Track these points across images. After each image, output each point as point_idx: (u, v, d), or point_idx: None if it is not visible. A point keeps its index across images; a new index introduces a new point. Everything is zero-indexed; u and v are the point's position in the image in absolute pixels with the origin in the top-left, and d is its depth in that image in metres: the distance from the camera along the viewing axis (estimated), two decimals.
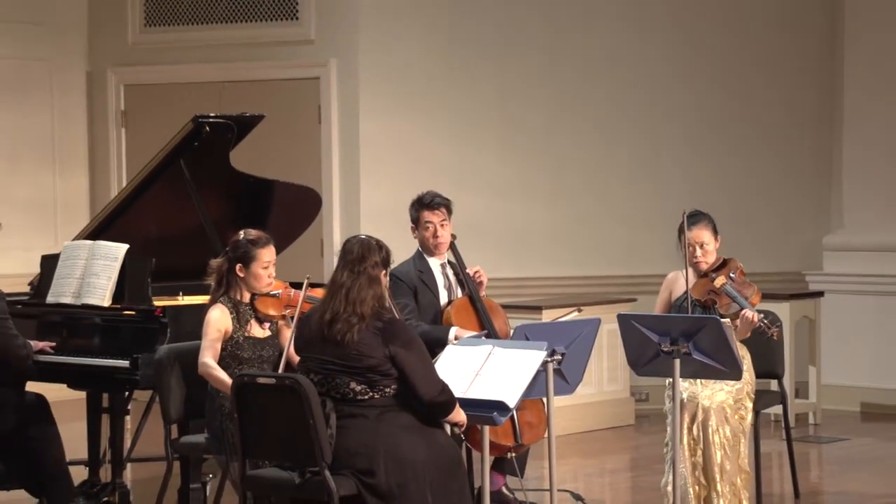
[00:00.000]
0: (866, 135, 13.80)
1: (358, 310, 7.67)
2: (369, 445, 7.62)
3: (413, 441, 7.70)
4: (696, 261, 9.49)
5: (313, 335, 7.80)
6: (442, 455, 7.80)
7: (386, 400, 7.72)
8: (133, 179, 10.95)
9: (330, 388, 7.71)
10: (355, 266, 7.76)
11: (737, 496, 9.51)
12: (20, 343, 9.39)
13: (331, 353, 7.71)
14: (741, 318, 9.21)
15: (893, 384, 13.53)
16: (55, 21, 14.95)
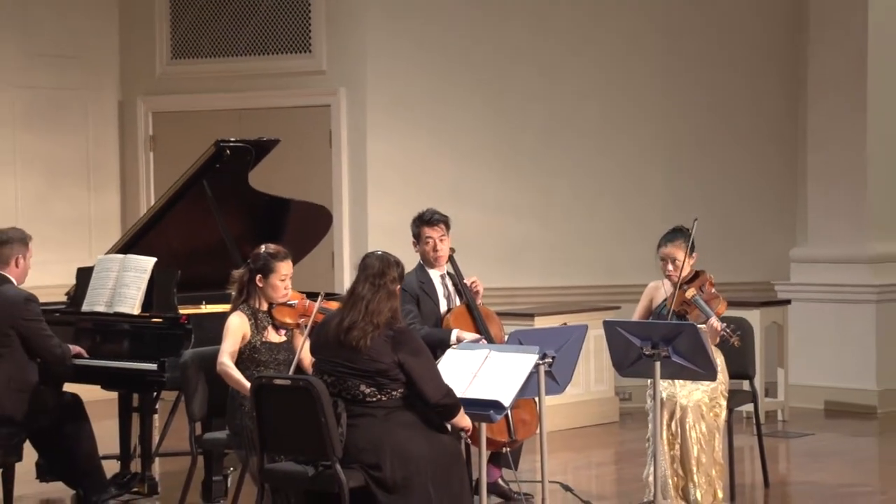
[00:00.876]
0: (828, 158, 13.75)
1: (374, 320, 7.68)
2: (377, 442, 7.62)
3: (417, 438, 7.69)
4: (668, 274, 9.57)
5: (329, 339, 7.79)
6: (443, 451, 7.79)
7: (393, 402, 7.72)
8: (160, 198, 10.95)
9: (342, 389, 7.70)
10: (376, 280, 7.79)
11: (712, 486, 9.52)
12: (55, 343, 9.41)
13: (344, 357, 7.70)
14: (707, 327, 9.24)
15: (854, 384, 13.50)
16: (89, 54, 14.94)
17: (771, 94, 14.20)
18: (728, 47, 14.16)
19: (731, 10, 14.16)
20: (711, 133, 14.17)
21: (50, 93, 14.70)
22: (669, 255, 9.51)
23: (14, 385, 9.30)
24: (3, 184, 14.39)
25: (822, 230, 13.84)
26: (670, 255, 9.51)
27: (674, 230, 9.62)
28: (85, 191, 14.91)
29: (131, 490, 10.08)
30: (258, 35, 14.33)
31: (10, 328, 9.25)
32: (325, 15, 13.98)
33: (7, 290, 9.34)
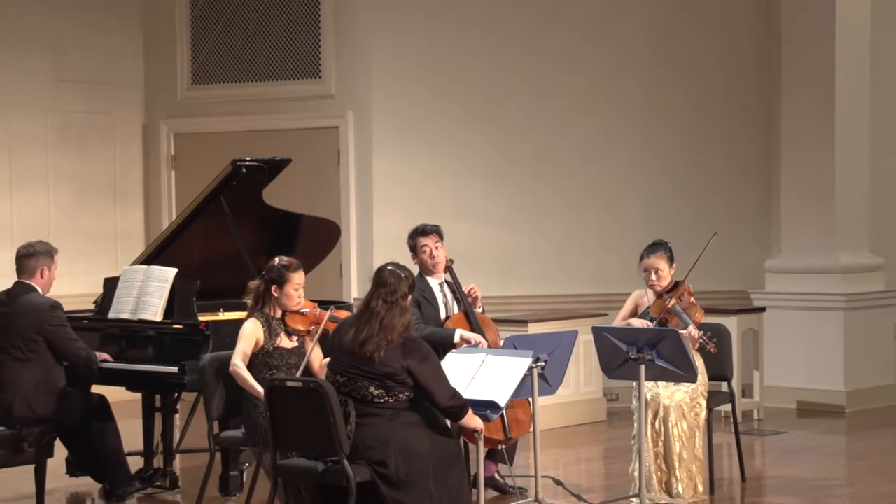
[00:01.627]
0: (799, 178, 13.76)
1: (388, 336, 7.68)
2: (382, 440, 7.61)
3: (420, 438, 7.68)
4: (651, 283, 9.63)
5: (344, 347, 7.79)
6: (444, 451, 7.78)
7: (399, 404, 7.71)
8: (181, 213, 10.96)
9: (352, 389, 7.70)
10: (389, 297, 7.76)
11: (692, 480, 9.52)
12: (80, 346, 9.42)
13: (357, 362, 7.70)
14: (691, 338, 9.27)
15: (824, 385, 13.50)
16: (116, 81, 14.94)
17: (748, 119, 14.21)
18: (709, 75, 14.16)
19: (711, 42, 14.16)
20: (694, 154, 14.17)
21: (80, 116, 14.71)
22: (652, 266, 9.57)
23: (43, 388, 9.28)
24: (37, 200, 14.37)
25: (795, 243, 13.84)
26: (653, 265, 9.57)
27: (654, 243, 9.72)
28: (111, 206, 14.91)
29: (154, 484, 10.10)
30: (272, 62, 14.34)
31: (37, 334, 9.23)
32: (334, 43, 13.99)
33: (33, 299, 9.33)
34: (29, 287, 9.38)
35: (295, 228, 10.84)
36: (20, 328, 9.24)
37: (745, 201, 14.18)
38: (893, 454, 11.99)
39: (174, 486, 10.13)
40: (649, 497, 9.29)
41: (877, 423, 13.10)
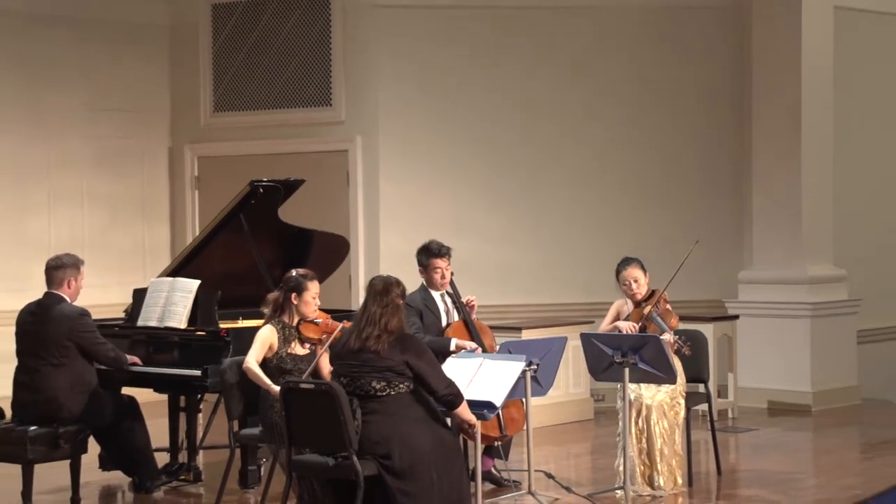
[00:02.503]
0: (770, 196, 13.76)
1: (387, 333, 7.72)
2: (387, 436, 7.60)
3: (422, 433, 7.67)
4: (633, 292, 9.65)
5: (347, 349, 7.80)
6: (444, 444, 7.77)
7: (400, 397, 7.70)
8: (204, 230, 10.95)
9: (356, 387, 7.70)
10: (383, 299, 7.80)
11: (672, 474, 9.51)
12: (108, 348, 9.43)
13: (360, 360, 7.72)
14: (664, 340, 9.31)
15: (792, 386, 13.49)
16: (145, 108, 14.95)
17: (723, 145, 14.19)
18: (688, 104, 14.15)
19: (690, 74, 14.15)
20: (675, 175, 14.15)
21: (111, 141, 14.72)
22: (631, 276, 9.61)
23: (76, 389, 9.27)
24: (73, 218, 14.38)
25: (765, 256, 13.84)
26: (631, 275, 9.62)
27: (627, 258, 9.80)
28: (140, 223, 14.90)
29: (179, 478, 10.08)
30: (287, 91, 14.33)
31: (68, 340, 9.22)
32: (344, 74, 13.98)
33: (63, 308, 9.31)
34: (58, 297, 9.36)
35: (308, 243, 10.83)
36: (52, 336, 9.23)
37: (721, 219, 14.16)
38: (855, 450, 12.04)
39: (197, 480, 10.11)
40: (633, 489, 9.30)
41: (840, 421, 13.09)
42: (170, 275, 10.46)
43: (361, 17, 13.90)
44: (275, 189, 10.51)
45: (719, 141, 14.18)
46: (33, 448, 9.06)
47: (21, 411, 9.30)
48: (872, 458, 11.14)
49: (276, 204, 10.62)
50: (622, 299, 9.84)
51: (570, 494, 9.39)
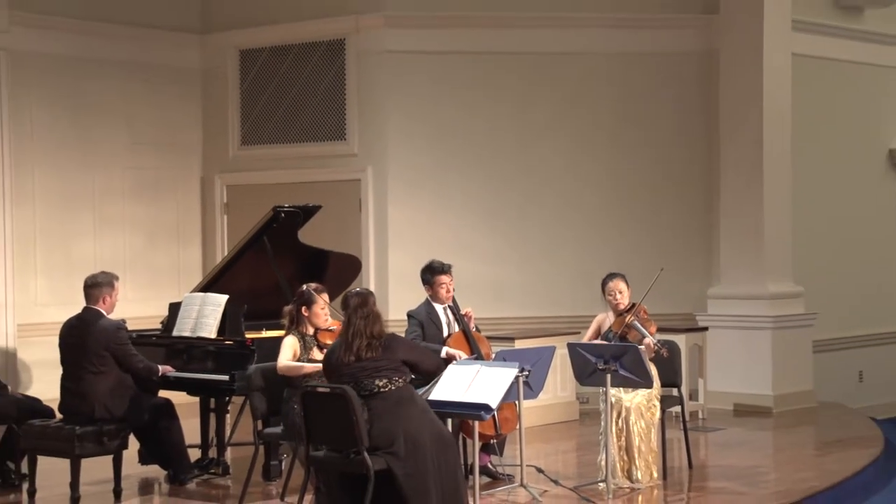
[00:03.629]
0: (736, 219, 13.78)
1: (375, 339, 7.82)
2: (392, 430, 7.65)
3: (421, 427, 7.72)
4: (616, 302, 9.71)
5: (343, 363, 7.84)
6: (440, 436, 7.81)
7: (400, 391, 7.78)
8: (231, 250, 10.97)
9: (360, 389, 7.73)
10: (363, 310, 7.90)
11: (649, 468, 9.51)
12: (139, 359, 9.42)
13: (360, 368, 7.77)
14: (644, 344, 9.32)
15: (755, 391, 13.49)
16: (179, 142, 14.96)
17: (695, 177, 14.18)
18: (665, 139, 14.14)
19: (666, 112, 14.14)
20: (652, 203, 14.12)
21: (149, 172, 14.72)
22: (616, 288, 9.70)
23: (116, 393, 9.28)
24: (115, 241, 14.37)
25: (731, 275, 13.85)
26: (616, 287, 9.70)
27: (612, 273, 9.89)
28: (175, 245, 14.89)
29: (209, 471, 10.11)
30: (306, 127, 14.34)
31: (105, 351, 9.23)
32: (357, 112, 13.98)
33: (102, 322, 9.32)
34: (96, 312, 9.37)
35: (324, 262, 10.84)
36: (92, 347, 9.23)
37: (692, 241, 14.15)
38: (811, 447, 12.04)
39: (226, 473, 10.12)
40: (614, 482, 9.27)
41: (798, 421, 13.08)
42: (201, 290, 10.47)
43: (373, 61, 13.91)
44: (295, 214, 10.53)
45: (691, 172, 14.17)
46: (80, 445, 9.06)
47: (68, 413, 9.32)
48: (826, 455, 11.11)
49: (296, 227, 10.65)
50: (604, 313, 9.88)
51: (558, 487, 9.36)
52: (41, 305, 13.51)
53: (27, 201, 13.66)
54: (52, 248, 13.90)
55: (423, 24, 13.81)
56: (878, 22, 15.39)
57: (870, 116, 15.52)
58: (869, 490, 10.11)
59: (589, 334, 9.88)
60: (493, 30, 13.86)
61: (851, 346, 15.19)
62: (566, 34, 13.93)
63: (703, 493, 9.57)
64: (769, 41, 13.66)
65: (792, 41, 13.99)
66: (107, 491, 9.35)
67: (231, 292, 10.19)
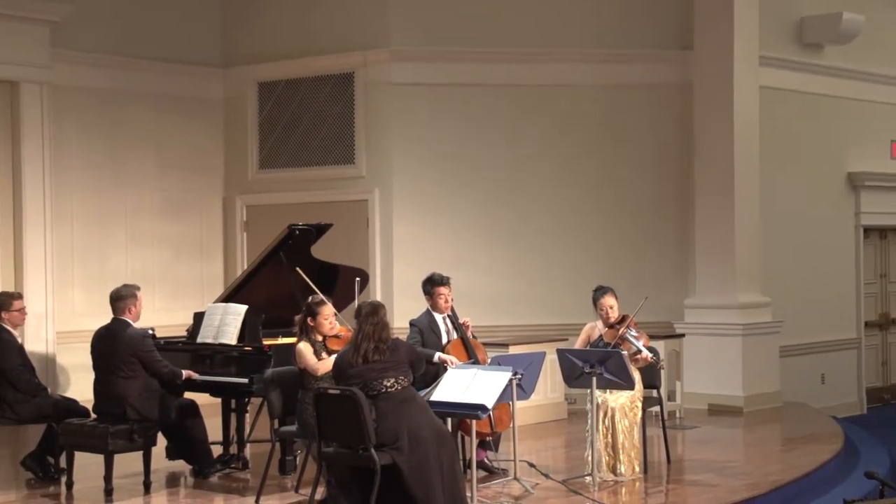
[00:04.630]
0: (710, 237, 13.77)
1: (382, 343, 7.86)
2: (397, 428, 7.64)
3: (422, 423, 7.73)
4: (607, 316, 9.67)
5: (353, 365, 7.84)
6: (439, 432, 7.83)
7: (404, 391, 7.80)
8: (250, 264, 10.99)
9: (369, 389, 7.74)
10: (373, 318, 7.95)
11: (632, 463, 9.48)
12: (163, 365, 9.40)
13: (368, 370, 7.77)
14: (639, 358, 9.38)
15: (727, 392, 13.47)
16: (203, 166, 14.97)
17: (672, 198, 14.17)
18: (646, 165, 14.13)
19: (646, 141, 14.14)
20: (634, 222, 14.10)
21: (176, 193, 14.73)
22: (607, 304, 9.64)
23: (145, 395, 9.25)
24: (145, 255, 14.37)
25: (706, 287, 13.82)
26: (607, 303, 9.64)
27: (602, 288, 9.80)
28: (199, 260, 14.88)
29: (230, 466, 10.07)
30: (318, 152, 14.33)
31: (132, 357, 9.20)
32: (365, 138, 13.98)
33: (129, 331, 9.30)
34: (124, 322, 9.35)
35: (335, 275, 10.80)
36: (121, 354, 9.21)
37: (670, 257, 14.13)
38: (778, 443, 12.03)
39: (245, 467, 10.09)
40: (599, 476, 9.27)
41: (766, 419, 13.06)
42: (223, 301, 10.45)
43: (379, 92, 13.90)
44: (308, 231, 10.52)
45: (668, 193, 14.15)
46: (113, 441, 9.04)
47: (101, 413, 9.30)
48: (791, 450, 11.09)
49: (310, 243, 10.63)
50: (592, 323, 9.86)
51: (549, 480, 9.34)
52: (78, 315, 13.48)
53: (66, 220, 13.68)
54: (88, 263, 13.90)
55: (425, 59, 13.81)
56: (837, 58, 15.41)
57: (829, 143, 15.51)
58: (830, 483, 10.07)
59: (578, 344, 9.82)
60: (489, 64, 13.85)
61: (814, 352, 15.17)
62: (556, 68, 13.92)
63: (680, 485, 9.53)
64: (738, 75, 13.66)
65: (759, 75, 14.00)
66: (137, 483, 9.32)
67: (250, 303, 10.16)
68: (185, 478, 9.86)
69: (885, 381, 16.79)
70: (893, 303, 16.99)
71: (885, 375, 16.83)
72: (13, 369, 9.76)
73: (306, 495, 8.48)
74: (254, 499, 8.88)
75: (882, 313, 16.76)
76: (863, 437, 12.56)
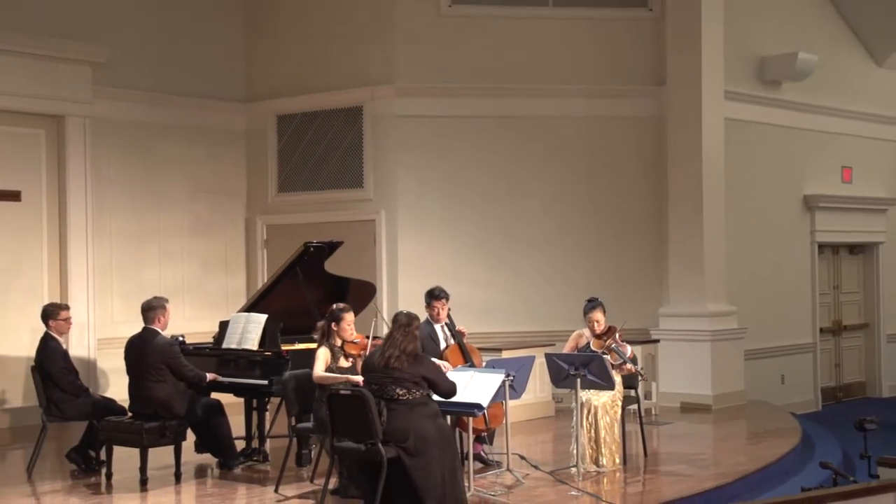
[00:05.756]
0: (682, 253, 13.78)
1: (406, 352, 7.71)
2: (404, 428, 7.56)
3: (428, 425, 7.62)
4: (594, 329, 9.63)
5: (375, 365, 7.76)
6: (442, 433, 7.72)
7: (415, 399, 7.65)
8: (269, 278, 10.97)
9: (383, 392, 7.66)
10: (406, 329, 7.78)
11: (613, 455, 9.45)
12: (189, 369, 9.35)
13: (386, 374, 7.68)
14: (624, 368, 9.44)
15: (698, 391, 13.43)
16: (228, 190, 14.97)
17: (649, 218, 14.15)
18: (626, 189, 14.12)
19: (626, 167, 14.13)
20: (616, 240, 14.08)
21: (204, 214, 14.72)
22: (595, 318, 9.60)
23: (175, 397, 9.22)
24: (176, 270, 14.34)
25: (678, 297, 13.81)
26: (595, 317, 9.60)
27: (593, 301, 9.76)
28: (224, 274, 14.84)
29: (252, 458, 10.03)
30: (330, 177, 14.30)
31: (162, 363, 9.18)
32: (373, 165, 13.97)
33: (158, 339, 9.28)
34: (153, 331, 9.32)
35: (346, 287, 10.77)
36: (151, 361, 9.19)
37: (647, 270, 14.10)
38: (743, 437, 11.97)
39: (265, 460, 10.04)
40: (583, 467, 9.22)
41: (732, 416, 13.01)
42: (245, 311, 10.41)
43: (385, 124, 13.89)
44: (322, 248, 10.50)
45: (646, 214, 14.13)
46: (147, 437, 9.02)
47: (136, 412, 9.29)
48: (755, 443, 11.05)
49: (323, 259, 10.60)
50: (580, 330, 9.84)
51: (538, 471, 9.31)
52: (116, 323, 13.47)
53: (105, 238, 13.68)
54: (125, 276, 13.88)
55: (426, 94, 13.80)
56: (794, 93, 15.46)
57: (787, 169, 15.53)
58: (789, 472, 10.04)
59: (566, 348, 9.80)
60: (485, 98, 13.85)
61: (775, 355, 15.15)
62: (546, 102, 13.93)
63: (656, 475, 9.48)
64: (706, 108, 13.68)
65: (724, 108, 14.02)
66: (169, 475, 9.28)
67: (269, 312, 10.13)
68: (212, 469, 9.82)
69: (837, 381, 16.78)
70: (845, 311, 17.00)
71: (838, 376, 16.82)
72: (59, 372, 9.75)
73: (320, 485, 8.43)
74: (273, 488, 8.85)
75: (835, 321, 16.76)
76: (818, 431, 12.53)
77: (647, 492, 8.87)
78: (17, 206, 12.96)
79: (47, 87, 12.94)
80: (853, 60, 16.79)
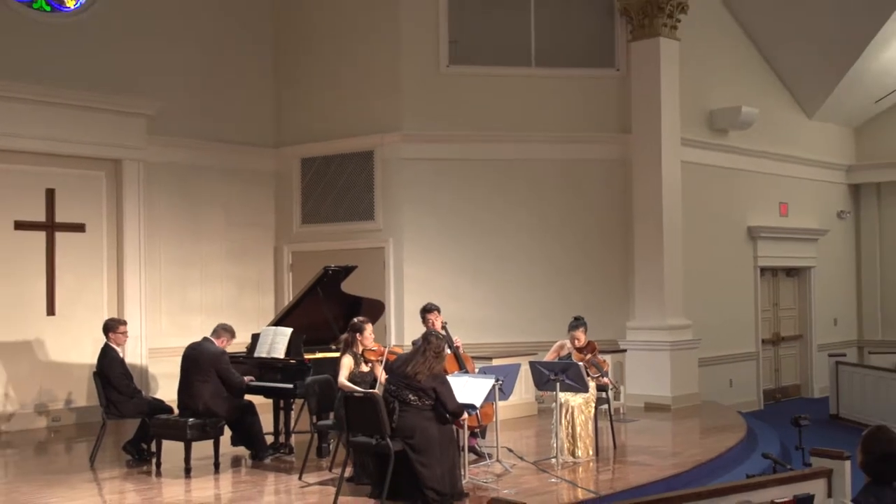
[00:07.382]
0: (645, 275, 13.78)
1: (428, 370, 7.64)
2: (412, 427, 7.56)
3: (433, 426, 7.61)
4: (574, 345, 9.67)
5: (399, 371, 7.74)
6: (445, 433, 7.71)
7: (424, 406, 7.63)
8: (294, 297, 10.92)
9: (399, 395, 7.65)
10: (434, 350, 7.70)
11: (587, 448, 9.43)
12: (235, 376, 9.38)
13: (406, 381, 7.66)
14: (600, 381, 9.53)
15: (659, 393, 13.40)
16: (258, 222, 14.94)
17: (617, 247, 14.14)
18: (594, 221, 14.12)
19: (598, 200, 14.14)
20: (588, 264, 14.07)
21: (238, 243, 14.71)
22: (577, 337, 9.70)
23: (216, 397, 9.25)
24: (215, 290, 14.33)
25: (643, 312, 13.79)
26: (577, 336, 9.71)
27: (577, 320, 9.81)
28: (256, 294, 14.82)
29: (280, 451, 9.97)
30: (346, 211, 14.29)
31: (211, 368, 9.20)
32: (382, 201, 13.95)
33: (212, 348, 9.34)
34: (211, 342, 9.40)
35: (359, 304, 10.75)
36: (203, 365, 9.23)
37: (616, 289, 14.09)
38: (697, 432, 11.89)
39: (291, 452, 10.00)
40: (562, 458, 9.20)
41: (688, 414, 12.96)
42: (274, 325, 10.39)
43: (393, 166, 13.90)
44: (339, 271, 10.49)
45: (614, 243, 14.14)
46: (191, 432, 9.03)
47: (183, 409, 9.27)
48: (708, 437, 11.02)
49: (340, 280, 10.58)
50: (563, 341, 9.89)
51: (523, 461, 9.28)
52: (164, 335, 13.47)
53: (155, 263, 13.68)
54: (172, 295, 13.86)
55: (428, 140, 13.83)
56: (738, 139, 15.53)
57: (734, 204, 15.57)
58: (736, 462, 10.01)
59: (549, 356, 9.79)
60: (477, 143, 13.87)
61: (724, 362, 15.13)
62: (529, 146, 13.95)
63: (624, 464, 9.45)
64: (665, 153, 13.71)
65: (681, 153, 14.06)
66: (209, 464, 9.25)
67: (294, 326, 10.12)
68: (245, 460, 9.79)
69: (776, 384, 16.78)
70: (783, 325, 17.02)
71: (777, 380, 16.82)
72: (117, 377, 9.74)
73: (338, 473, 8.41)
74: (297, 476, 8.83)
75: (774, 333, 16.78)
76: (760, 427, 12.51)
77: (616, 479, 8.84)
78: (82, 236, 13.00)
79: (108, 136, 13.02)
80: (788, 113, 16.89)
